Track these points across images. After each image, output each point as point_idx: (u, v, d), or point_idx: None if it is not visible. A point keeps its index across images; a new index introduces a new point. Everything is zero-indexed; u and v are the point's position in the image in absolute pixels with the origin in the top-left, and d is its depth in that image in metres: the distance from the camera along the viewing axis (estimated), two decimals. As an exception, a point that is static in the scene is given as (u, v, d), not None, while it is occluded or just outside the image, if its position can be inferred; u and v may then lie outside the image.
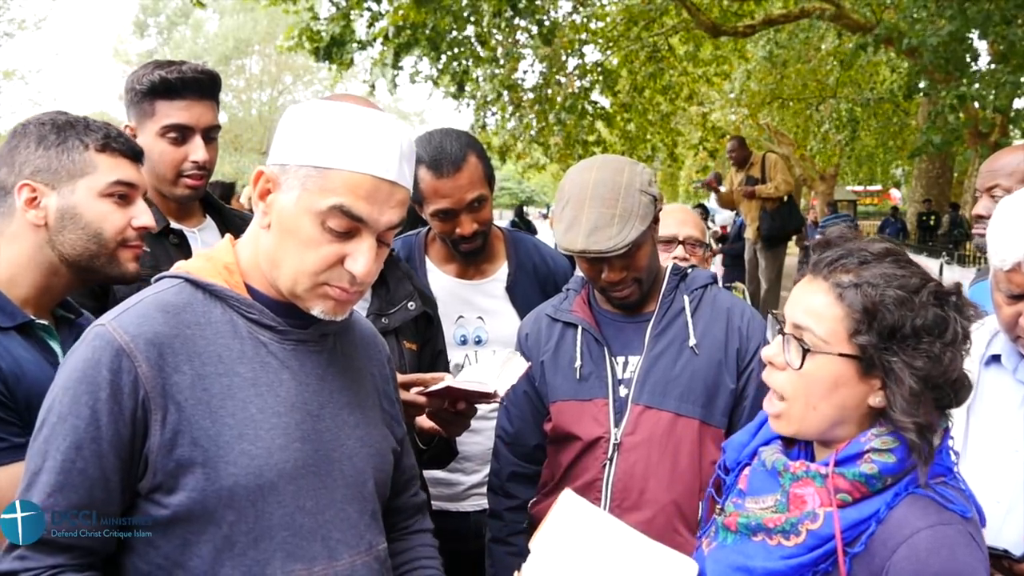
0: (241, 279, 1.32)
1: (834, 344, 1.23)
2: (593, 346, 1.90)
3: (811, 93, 16.92)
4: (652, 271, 1.87)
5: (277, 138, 1.29)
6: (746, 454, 1.42)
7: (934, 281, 1.24)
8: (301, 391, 1.30)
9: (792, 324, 1.28)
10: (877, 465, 1.21)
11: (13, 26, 27.05)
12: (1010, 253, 1.51)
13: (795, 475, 1.27)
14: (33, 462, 1.20)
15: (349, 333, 1.45)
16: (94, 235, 1.55)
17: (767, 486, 1.32)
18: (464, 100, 11.43)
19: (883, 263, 1.24)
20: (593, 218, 1.74)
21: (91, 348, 1.20)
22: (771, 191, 8.26)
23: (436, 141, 2.13)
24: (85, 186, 1.55)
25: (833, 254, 1.27)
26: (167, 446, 1.19)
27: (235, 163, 32.81)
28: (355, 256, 1.25)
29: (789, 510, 1.25)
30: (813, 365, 1.24)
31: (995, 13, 6.81)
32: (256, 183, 1.28)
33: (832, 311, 1.23)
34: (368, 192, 1.22)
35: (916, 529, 1.15)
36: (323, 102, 1.32)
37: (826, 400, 1.25)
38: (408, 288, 2.04)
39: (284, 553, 1.24)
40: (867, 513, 1.20)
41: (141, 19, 36.52)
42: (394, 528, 1.52)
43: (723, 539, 1.36)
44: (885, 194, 31.71)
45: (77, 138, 1.56)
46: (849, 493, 1.22)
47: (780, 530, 1.24)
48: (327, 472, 1.30)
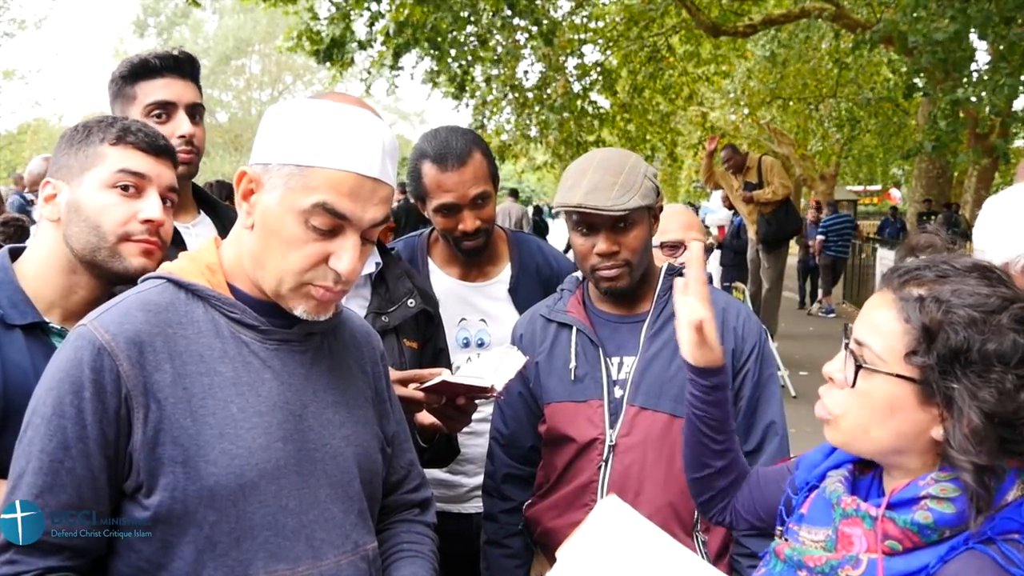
0: (224, 279, 1.31)
1: (890, 363, 1.10)
2: (588, 347, 1.89)
3: (811, 93, 16.91)
4: (644, 261, 1.87)
5: (259, 138, 1.29)
6: (815, 475, 1.29)
7: (1022, 303, 1.07)
8: (283, 391, 1.29)
9: (855, 339, 1.16)
10: (933, 515, 1.07)
11: (13, 26, 27.07)
12: (996, 253, 1.49)
13: (846, 512, 1.15)
14: (18, 464, 1.20)
15: (339, 331, 1.44)
16: (94, 227, 1.51)
17: (824, 517, 1.21)
18: (464, 100, 11.43)
19: (965, 279, 1.09)
20: (596, 180, 1.77)
21: (73, 348, 1.20)
22: (768, 195, 8.27)
23: (442, 137, 2.15)
24: (90, 178, 1.52)
25: (911, 265, 1.15)
26: (149, 444, 1.19)
27: (235, 163, 32.80)
28: (339, 254, 1.24)
29: (836, 549, 1.15)
30: (867, 385, 1.12)
31: (995, 14, 6.81)
32: (239, 183, 1.28)
33: (892, 326, 1.11)
34: (351, 189, 1.22)
35: None
36: (304, 100, 1.32)
37: (881, 425, 1.12)
38: (407, 286, 2.04)
39: (267, 553, 1.24)
40: (916, 566, 1.06)
41: (141, 19, 36.51)
42: (386, 525, 1.52)
43: (772, 567, 1.25)
44: (885, 194, 31.69)
45: (96, 133, 1.55)
46: (899, 541, 1.09)
47: (819, 571, 1.13)
48: (310, 472, 1.30)
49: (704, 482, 1.54)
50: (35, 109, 40.69)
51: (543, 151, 12.36)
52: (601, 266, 1.83)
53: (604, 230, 1.79)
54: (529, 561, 2.01)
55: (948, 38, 6.74)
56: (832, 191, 21.53)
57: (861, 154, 22.62)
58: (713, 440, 1.49)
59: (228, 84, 36.82)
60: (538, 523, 1.92)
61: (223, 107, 36.42)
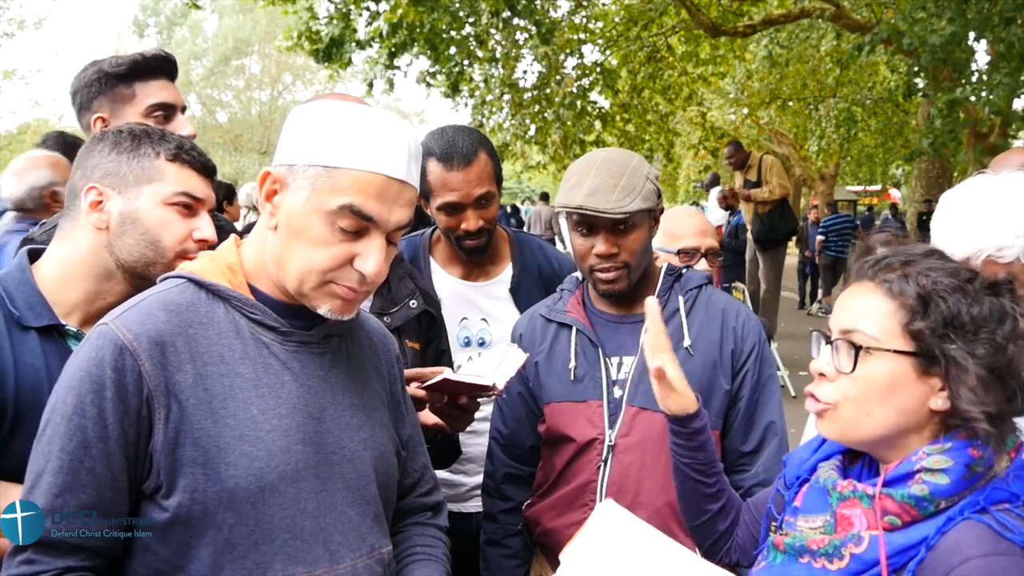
0: (244, 279, 1.31)
1: (887, 341, 1.16)
2: (587, 347, 1.89)
3: (811, 93, 16.90)
4: (642, 263, 1.87)
5: (283, 138, 1.28)
6: (805, 469, 1.33)
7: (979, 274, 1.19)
8: (303, 393, 1.29)
9: (839, 330, 1.21)
10: (928, 487, 1.13)
11: (13, 26, 27.03)
12: (957, 247, 1.48)
13: (842, 495, 1.20)
14: (37, 463, 1.19)
15: (356, 334, 1.44)
16: (152, 242, 1.54)
17: (819, 505, 1.26)
18: (460, 99, 11.42)
19: (929, 260, 1.20)
20: (597, 182, 1.77)
21: (95, 347, 1.20)
22: (765, 194, 8.31)
23: (448, 135, 2.16)
24: (150, 192, 1.55)
25: (877, 257, 1.23)
26: (170, 445, 1.19)
27: (235, 163, 32.77)
28: (365, 256, 1.24)
29: (836, 531, 1.19)
30: (866, 367, 1.17)
31: (995, 14, 6.80)
32: (262, 184, 1.27)
33: (882, 307, 1.17)
34: (378, 191, 1.22)
35: (966, 558, 1.06)
36: (329, 102, 1.32)
37: (883, 404, 1.17)
38: (410, 286, 2.05)
39: (285, 556, 1.24)
40: (916, 538, 1.11)
41: (140, 19, 36.47)
42: (400, 528, 1.52)
43: (772, 559, 1.30)
44: (885, 194, 31.67)
45: (150, 146, 1.56)
46: (898, 516, 1.14)
47: (823, 552, 1.18)
48: (328, 475, 1.30)
49: (705, 528, 1.55)
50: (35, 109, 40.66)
51: (538, 151, 12.33)
52: (599, 267, 1.83)
53: (604, 231, 1.79)
54: (528, 561, 2.02)
55: (946, 39, 6.74)
56: (832, 191, 21.52)
57: (861, 154, 22.60)
58: (705, 484, 1.52)
59: (228, 84, 36.75)
60: (537, 523, 1.92)
61: (223, 107, 36.37)
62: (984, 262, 1.47)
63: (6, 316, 1.46)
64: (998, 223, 1.46)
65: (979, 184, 1.56)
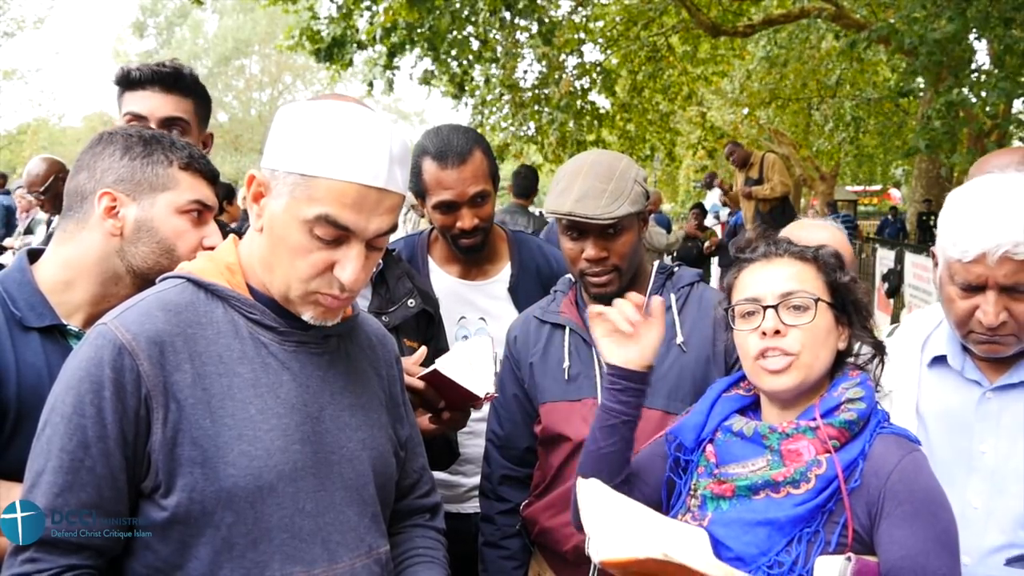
0: (243, 279, 1.32)
1: (823, 296, 1.46)
2: (581, 347, 1.90)
3: (811, 93, 16.90)
4: (632, 265, 1.88)
5: (269, 141, 1.28)
6: (708, 431, 1.54)
7: None
8: (301, 393, 1.30)
9: (778, 295, 1.45)
10: (855, 412, 1.41)
11: (13, 26, 27.07)
12: (972, 244, 1.51)
13: (784, 433, 1.42)
14: (36, 463, 1.20)
15: (355, 333, 1.45)
16: (167, 250, 1.55)
17: (748, 452, 1.46)
18: (464, 100, 11.42)
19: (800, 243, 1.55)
20: (585, 187, 1.78)
21: (93, 347, 1.20)
22: (766, 192, 8.31)
23: (444, 134, 2.17)
24: (165, 201, 1.56)
25: (770, 241, 1.54)
26: (168, 445, 1.19)
27: (235, 163, 32.81)
28: (343, 264, 1.25)
29: (785, 465, 1.40)
30: (818, 317, 1.44)
31: (994, 15, 6.80)
32: (249, 186, 1.28)
33: (809, 272, 1.48)
34: (354, 200, 1.21)
35: (900, 457, 1.37)
36: (314, 104, 1.31)
37: (824, 347, 1.45)
38: (408, 286, 2.05)
39: (283, 555, 1.24)
40: (855, 453, 1.39)
41: (140, 19, 36.51)
42: (399, 529, 1.52)
43: (715, 507, 1.45)
44: (885, 194, 31.68)
45: (163, 153, 1.58)
46: (837, 439, 1.40)
47: (789, 481, 1.39)
48: (326, 474, 1.30)
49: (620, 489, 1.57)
50: (35, 109, 40.65)
51: (536, 151, 12.33)
52: (590, 271, 1.84)
53: (593, 236, 1.80)
54: (527, 562, 2.02)
55: (946, 38, 6.73)
56: (832, 191, 21.52)
57: (861, 154, 22.61)
58: None
59: (228, 84, 36.79)
60: (535, 523, 1.93)
61: (223, 107, 36.38)
62: (1000, 258, 1.49)
63: (7, 317, 1.46)
64: (1016, 220, 1.48)
65: (992, 182, 1.58)
